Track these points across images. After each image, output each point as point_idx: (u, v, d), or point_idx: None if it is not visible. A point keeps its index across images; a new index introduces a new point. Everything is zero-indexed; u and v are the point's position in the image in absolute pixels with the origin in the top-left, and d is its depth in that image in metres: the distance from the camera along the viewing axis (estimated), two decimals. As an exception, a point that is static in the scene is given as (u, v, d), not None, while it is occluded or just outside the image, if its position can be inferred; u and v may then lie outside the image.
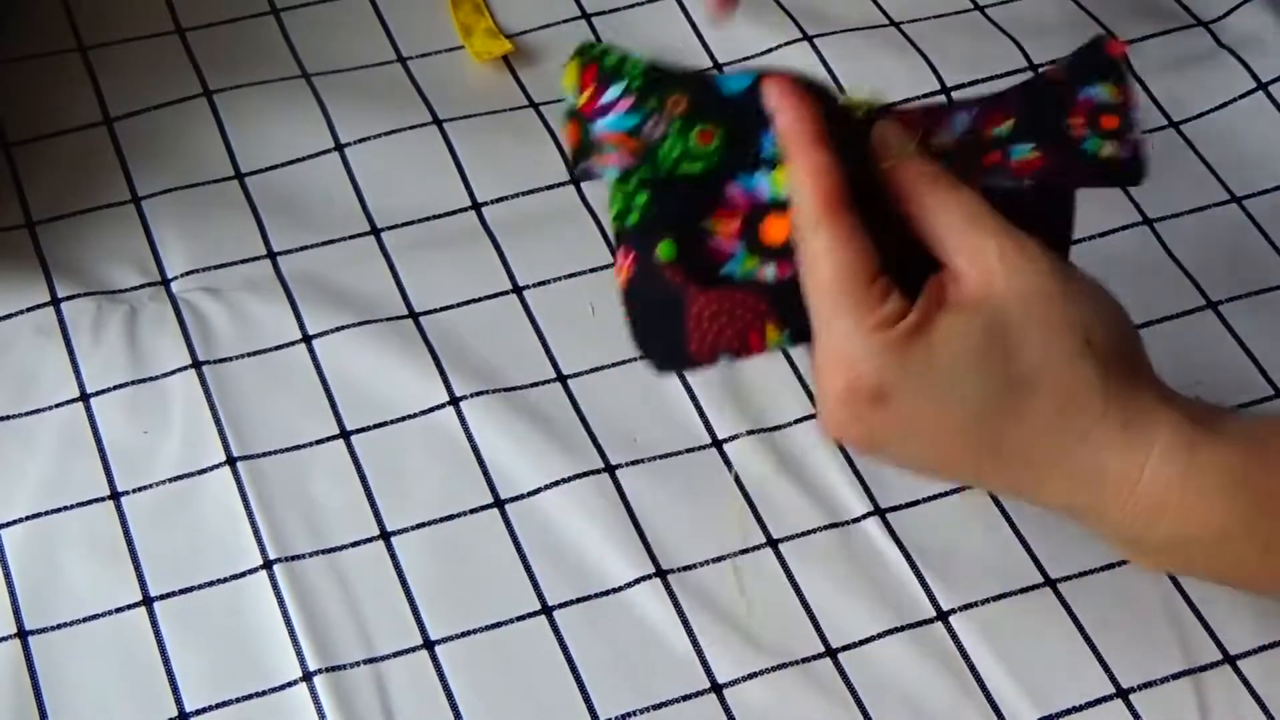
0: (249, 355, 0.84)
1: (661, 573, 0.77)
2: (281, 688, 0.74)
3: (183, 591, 0.77)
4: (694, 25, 0.99)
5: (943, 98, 0.95)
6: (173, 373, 0.83)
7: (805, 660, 0.75)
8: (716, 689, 0.74)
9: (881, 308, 0.66)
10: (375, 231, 0.89)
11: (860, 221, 0.67)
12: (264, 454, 0.81)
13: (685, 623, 0.76)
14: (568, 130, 0.72)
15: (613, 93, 0.71)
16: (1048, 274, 0.67)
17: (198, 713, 0.73)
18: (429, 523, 0.79)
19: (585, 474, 0.80)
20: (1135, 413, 0.67)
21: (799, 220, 0.68)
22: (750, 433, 0.82)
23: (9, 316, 0.85)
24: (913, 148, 0.70)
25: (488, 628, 0.76)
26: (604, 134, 0.71)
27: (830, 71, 0.96)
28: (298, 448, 0.81)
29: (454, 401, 0.82)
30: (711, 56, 0.98)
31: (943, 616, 0.76)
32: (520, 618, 0.76)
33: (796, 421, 0.82)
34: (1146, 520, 0.67)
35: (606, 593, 0.77)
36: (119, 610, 0.76)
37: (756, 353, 0.69)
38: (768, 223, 0.70)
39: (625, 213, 0.70)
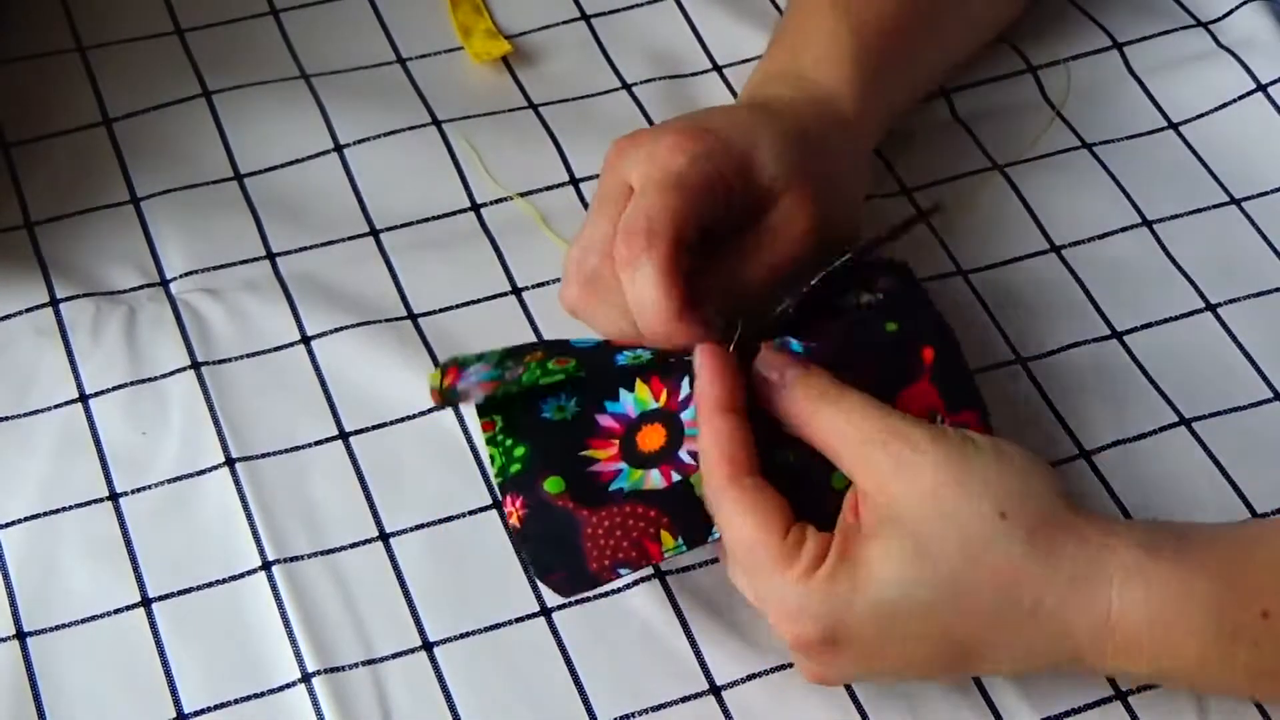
0: (248, 356, 0.84)
1: (661, 574, 0.77)
2: (280, 689, 0.74)
3: (181, 592, 0.77)
4: (693, 26, 0.99)
5: (942, 99, 0.95)
6: (171, 373, 0.83)
7: (804, 662, 0.75)
8: (715, 690, 0.74)
9: (800, 557, 0.68)
10: (374, 232, 0.89)
11: (762, 483, 0.70)
12: (263, 455, 0.81)
13: (684, 624, 0.76)
14: (431, 396, 0.76)
15: (473, 369, 0.75)
16: (942, 464, 0.68)
17: (196, 714, 0.73)
18: (428, 524, 0.79)
19: (584, 475, 0.80)
20: (1080, 563, 0.68)
21: (709, 483, 0.71)
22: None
23: (8, 317, 0.85)
24: (794, 372, 0.72)
25: (486, 629, 0.76)
26: (467, 385, 0.75)
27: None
28: (296, 449, 0.81)
29: (453, 403, 0.82)
30: (710, 58, 0.98)
31: (941, 618, 0.76)
32: (519, 619, 0.76)
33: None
34: (1127, 660, 0.68)
35: (606, 594, 0.77)
36: (118, 611, 0.76)
37: (655, 560, 0.72)
38: (643, 434, 0.74)
39: (506, 466, 0.74)
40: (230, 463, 0.80)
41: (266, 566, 0.77)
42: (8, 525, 0.78)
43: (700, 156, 0.77)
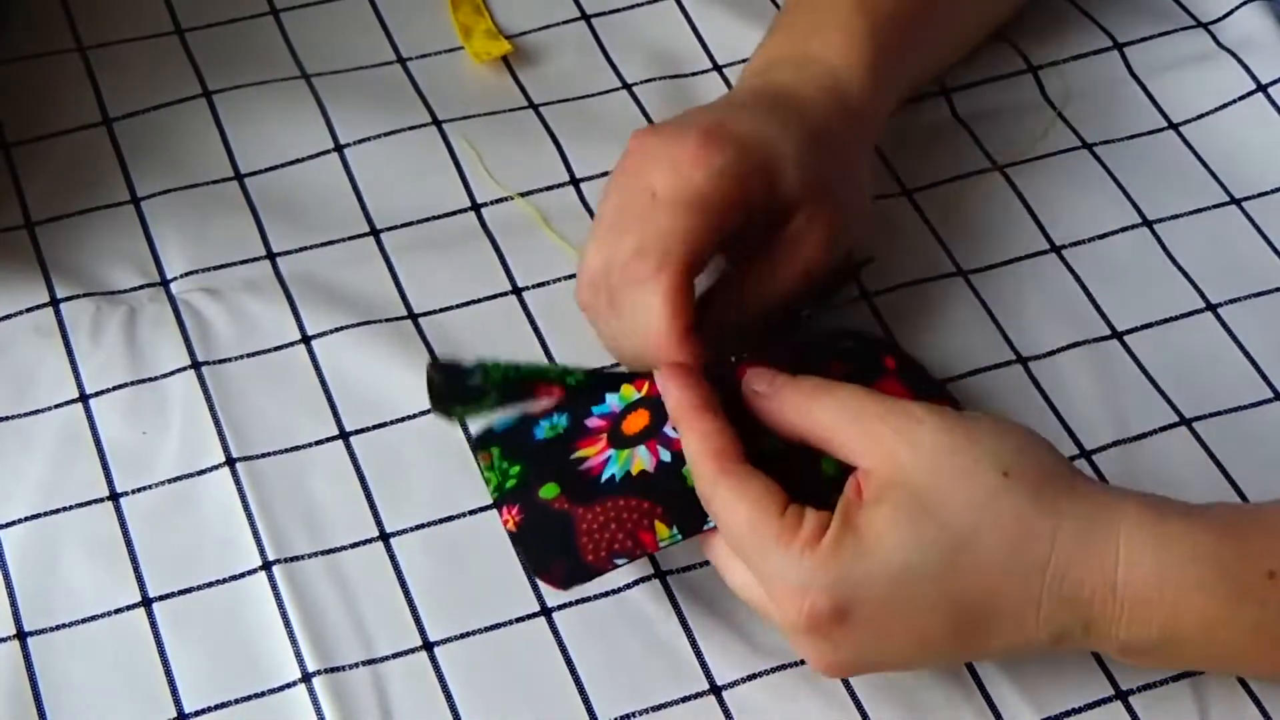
0: (248, 356, 0.84)
1: (661, 574, 0.77)
2: (280, 689, 0.74)
3: (182, 592, 0.77)
4: (693, 26, 0.99)
5: (942, 99, 0.95)
6: (172, 373, 0.83)
7: (805, 662, 0.75)
8: (716, 690, 0.74)
9: (801, 530, 0.68)
10: (374, 232, 0.89)
11: (753, 470, 0.70)
12: (263, 455, 0.81)
13: (685, 624, 0.76)
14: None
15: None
16: (943, 429, 0.69)
17: (196, 714, 0.73)
18: (428, 524, 0.79)
19: (584, 475, 0.80)
20: (1087, 518, 0.68)
21: (701, 487, 0.71)
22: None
23: (8, 317, 0.85)
24: (782, 379, 0.73)
25: (487, 629, 0.76)
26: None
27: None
28: (297, 448, 0.81)
29: (453, 402, 0.82)
30: (711, 57, 0.98)
31: (942, 618, 0.76)
32: (519, 619, 0.76)
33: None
34: (1136, 624, 0.68)
35: (606, 594, 0.77)
36: (118, 611, 0.76)
37: (650, 550, 0.73)
38: (628, 421, 0.75)
39: (502, 483, 0.75)
40: (230, 462, 0.80)
41: (267, 566, 0.77)
42: (8, 525, 0.78)
43: (723, 171, 0.76)
